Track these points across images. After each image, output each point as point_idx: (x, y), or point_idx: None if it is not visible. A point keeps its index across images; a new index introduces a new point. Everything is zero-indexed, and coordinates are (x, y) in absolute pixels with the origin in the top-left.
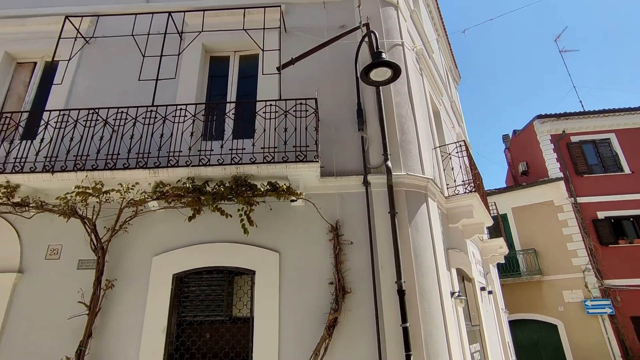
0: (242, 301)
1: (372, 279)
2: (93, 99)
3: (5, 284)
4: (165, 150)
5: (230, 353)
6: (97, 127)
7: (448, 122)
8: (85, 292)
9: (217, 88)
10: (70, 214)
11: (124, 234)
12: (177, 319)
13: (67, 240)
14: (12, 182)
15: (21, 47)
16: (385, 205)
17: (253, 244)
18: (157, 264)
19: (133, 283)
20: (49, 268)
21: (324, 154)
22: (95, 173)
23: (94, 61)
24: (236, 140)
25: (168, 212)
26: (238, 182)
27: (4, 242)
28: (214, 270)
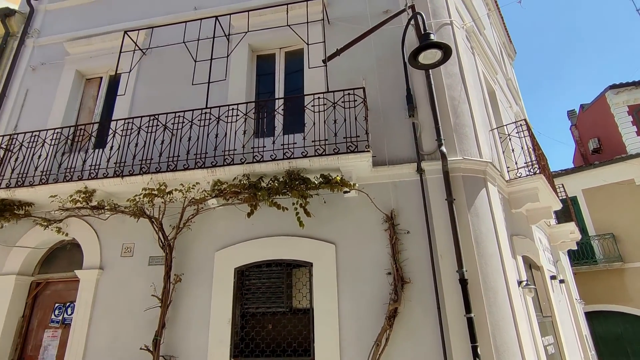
0: (301, 293)
1: (432, 269)
2: (153, 106)
3: (90, 279)
4: (221, 150)
5: (293, 343)
6: (158, 132)
7: (504, 101)
8: (157, 286)
9: (265, 86)
10: (140, 215)
11: (188, 231)
12: (240, 310)
13: (139, 239)
14: (89, 188)
15: (89, 65)
16: (441, 192)
17: (309, 236)
18: (219, 259)
19: (199, 277)
20: (124, 265)
21: (375, 143)
22: (159, 175)
23: (151, 71)
24: (287, 135)
25: (227, 208)
26: (291, 176)
27: (87, 242)
28: (273, 263)
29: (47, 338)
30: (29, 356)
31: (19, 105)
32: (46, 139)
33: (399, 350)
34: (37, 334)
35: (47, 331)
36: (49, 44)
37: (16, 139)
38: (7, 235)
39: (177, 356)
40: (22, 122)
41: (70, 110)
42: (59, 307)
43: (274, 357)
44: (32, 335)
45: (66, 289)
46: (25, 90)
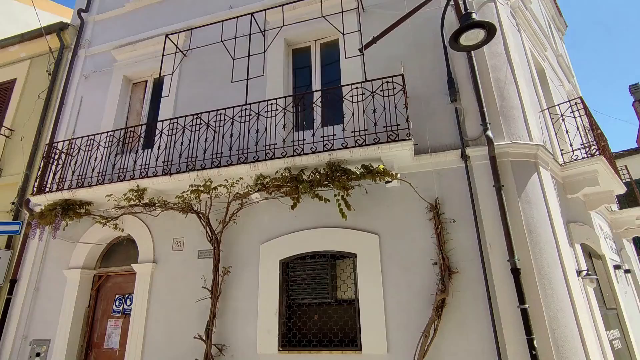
0: (346, 284)
1: (481, 258)
2: (195, 105)
3: (146, 272)
4: (262, 144)
5: (339, 334)
6: (201, 130)
7: (555, 79)
8: (207, 278)
9: (302, 79)
10: (188, 210)
11: (233, 225)
12: (287, 301)
13: (188, 234)
14: (141, 186)
15: (134, 69)
16: (488, 179)
17: (352, 227)
18: (264, 251)
19: (245, 269)
20: (175, 258)
21: (416, 131)
22: (204, 172)
23: (192, 71)
24: (326, 127)
25: (270, 202)
26: (332, 168)
27: (141, 238)
28: (317, 255)
29: (110, 327)
30: (95, 343)
31: (75, 112)
32: (100, 142)
33: (449, 341)
34: (101, 323)
35: (110, 320)
36: (98, 53)
37: (74, 143)
38: (71, 232)
39: (228, 345)
40: (79, 128)
41: (120, 113)
42: (119, 298)
43: (321, 348)
44: (97, 324)
45: (125, 282)
46: (80, 97)
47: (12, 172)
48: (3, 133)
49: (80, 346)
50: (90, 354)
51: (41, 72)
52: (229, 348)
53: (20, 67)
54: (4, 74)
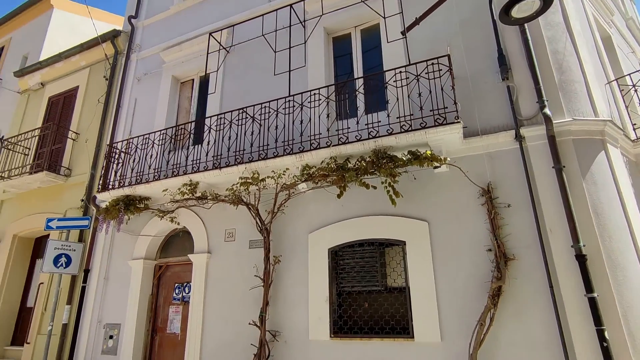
0: (395, 271)
1: (540, 244)
2: (240, 100)
3: (201, 262)
4: (307, 135)
5: (391, 321)
6: (247, 124)
7: (624, 46)
8: (259, 267)
9: (343, 67)
10: (238, 202)
11: (282, 215)
12: (336, 289)
13: (239, 224)
14: (193, 180)
15: (182, 69)
16: (546, 160)
17: (400, 215)
18: (313, 240)
19: (295, 258)
20: (228, 248)
21: (465, 113)
22: (252, 164)
23: (235, 67)
24: (370, 114)
25: (317, 191)
26: (378, 155)
27: (196, 230)
28: (365, 243)
29: (171, 313)
30: (159, 327)
31: (130, 113)
32: (154, 140)
33: (507, 330)
34: (163, 309)
35: (171, 307)
36: (148, 56)
37: (132, 142)
38: (133, 226)
39: (281, 331)
40: (135, 128)
41: (171, 112)
42: (178, 286)
43: (373, 335)
44: (160, 310)
45: (182, 271)
46: (134, 99)
47: (80, 172)
48: (70, 137)
49: (146, 330)
50: (156, 337)
51: (99, 78)
52: (282, 334)
53: (81, 75)
54: (68, 83)
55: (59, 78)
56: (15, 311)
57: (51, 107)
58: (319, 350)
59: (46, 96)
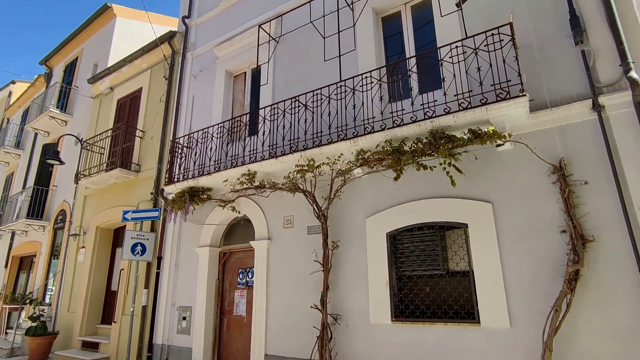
0: (458, 255)
1: (626, 224)
2: (292, 89)
3: (262, 248)
4: (360, 119)
5: (454, 305)
6: (300, 112)
7: None
8: (317, 252)
9: (393, 48)
10: (295, 189)
11: (338, 201)
12: (396, 273)
13: (296, 211)
14: (251, 170)
15: (234, 63)
16: (633, 131)
17: (461, 196)
18: (370, 225)
19: (353, 243)
20: (287, 235)
21: (531, 85)
22: (306, 152)
23: (285, 56)
24: (425, 94)
25: (373, 176)
26: (435, 135)
27: (256, 217)
28: (425, 227)
29: (237, 296)
30: (227, 310)
31: (189, 110)
32: (213, 134)
33: (586, 317)
34: (229, 293)
35: (236, 291)
36: (202, 53)
37: (192, 137)
38: (198, 216)
39: (342, 315)
40: (194, 123)
41: (226, 106)
42: (242, 271)
43: (435, 319)
44: (226, 294)
45: (245, 257)
46: (192, 96)
47: (148, 167)
48: (138, 135)
49: (215, 313)
50: (224, 319)
51: (160, 78)
52: (343, 317)
53: (144, 77)
54: (133, 85)
55: (125, 81)
56: (102, 294)
57: (120, 109)
58: (381, 334)
59: (115, 99)
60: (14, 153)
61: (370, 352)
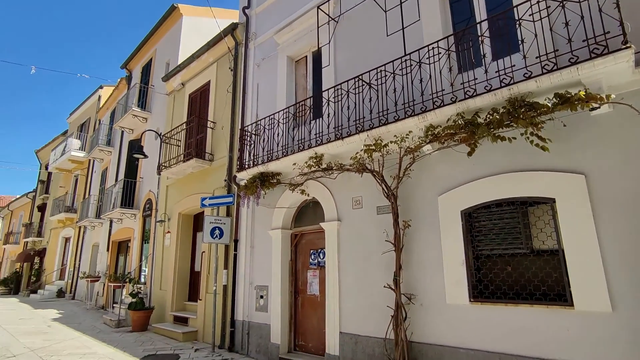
0: (544, 232)
1: None
2: (355, 68)
3: (332, 229)
4: (428, 93)
5: (541, 286)
6: (364, 91)
7: None
8: (388, 232)
9: (461, 13)
10: (362, 170)
11: (408, 180)
12: (473, 252)
13: (365, 192)
14: (318, 153)
15: (294, 48)
16: None
17: (547, 169)
18: (443, 203)
19: (425, 222)
20: (356, 215)
21: (636, 36)
22: (373, 131)
23: (346, 36)
24: (500, 60)
25: (443, 152)
26: (515, 104)
27: (324, 199)
28: (504, 203)
29: (309, 276)
30: (300, 289)
31: (255, 98)
32: (279, 120)
33: None
34: (302, 273)
35: (309, 271)
36: (264, 41)
37: (260, 124)
38: (268, 200)
39: (417, 295)
40: (260, 110)
41: (290, 91)
42: (314, 252)
43: (519, 301)
44: (299, 274)
45: (316, 238)
46: (256, 84)
47: (220, 156)
48: (209, 126)
49: (289, 292)
50: (298, 298)
51: (226, 70)
52: (417, 297)
53: (211, 70)
54: (202, 79)
55: (195, 76)
56: (188, 274)
57: (192, 103)
58: (458, 315)
59: (187, 94)
60: (106, 150)
61: (447, 332)
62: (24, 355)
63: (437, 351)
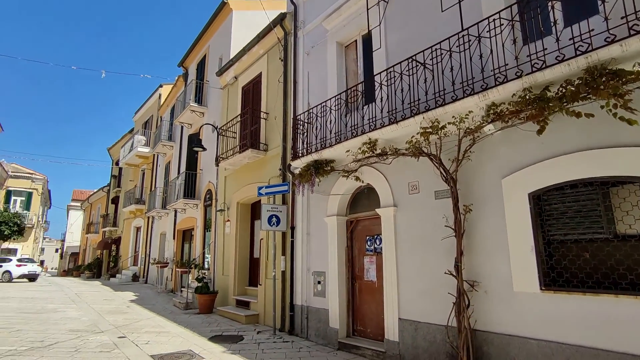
0: (631, 215)
1: None
2: (407, 49)
3: (388, 215)
4: (490, 70)
5: (628, 275)
6: (419, 72)
7: None
8: (448, 217)
9: None
10: (418, 154)
11: (468, 162)
12: (543, 237)
13: (421, 176)
14: (372, 138)
15: (343, 33)
16: None
17: (633, 144)
18: (507, 185)
19: (488, 206)
20: (413, 201)
21: None
22: (429, 113)
23: (397, 16)
24: (574, 25)
25: (507, 131)
26: (593, 73)
27: (379, 185)
28: (579, 184)
29: (366, 262)
30: (357, 275)
31: (306, 86)
32: (331, 107)
33: None
34: (358, 260)
35: (365, 257)
36: (312, 29)
37: (311, 112)
38: (323, 187)
39: (480, 281)
40: (311, 98)
41: (340, 77)
42: (370, 238)
43: (601, 290)
44: (355, 261)
45: (372, 225)
46: (307, 73)
47: (274, 145)
48: (262, 117)
49: (346, 277)
50: (355, 284)
51: (276, 61)
52: (481, 284)
53: (262, 62)
54: (254, 71)
55: (247, 69)
56: (247, 260)
57: (245, 95)
58: (527, 303)
59: (240, 87)
60: (168, 145)
61: (515, 321)
62: (110, 331)
63: (504, 341)
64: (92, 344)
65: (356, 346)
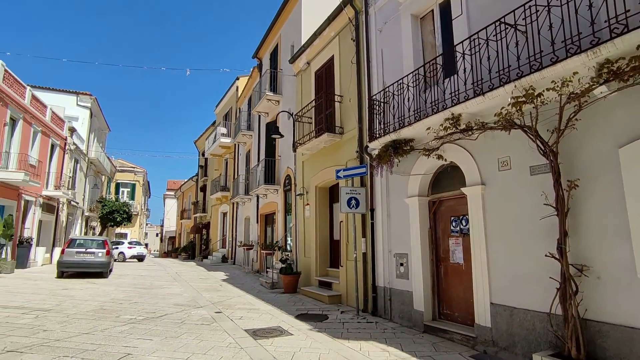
0: None
1: None
2: (492, 12)
3: (476, 194)
4: (601, 22)
5: None
6: (508, 36)
7: None
8: (547, 195)
9: None
10: (510, 127)
11: (571, 132)
12: None
13: (513, 151)
14: (455, 113)
15: (418, 4)
16: None
17: None
18: (626, 156)
19: (598, 180)
20: (504, 178)
21: None
22: (522, 80)
23: None
24: None
25: (625, 93)
26: None
27: (464, 163)
28: None
29: (452, 244)
30: (442, 257)
31: (380, 65)
32: (408, 83)
33: None
34: (443, 241)
35: (450, 239)
36: (384, 5)
37: (388, 91)
38: (402, 168)
39: (591, 266)
40: (387, 77)
41: (417, 51)
42: (455, 219)
43: None
44: (440, 242)
45: (456, 204)
46: (380, 50)
47: (350, 128)
48: (337, 100)
49: (430, 260)
50: (440, 266)
51: (348, 42)
52: (592, 269)
53: (333, 45)
54: (326, 55)
55: (318, 54)
56: (328, 243)
57: (318, 80)
58: None
59: (312, 72)
60: (248, 134)
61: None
62: (207, 306)
63: (626, 334)
64: (194, 317)
65: (443, 329)
